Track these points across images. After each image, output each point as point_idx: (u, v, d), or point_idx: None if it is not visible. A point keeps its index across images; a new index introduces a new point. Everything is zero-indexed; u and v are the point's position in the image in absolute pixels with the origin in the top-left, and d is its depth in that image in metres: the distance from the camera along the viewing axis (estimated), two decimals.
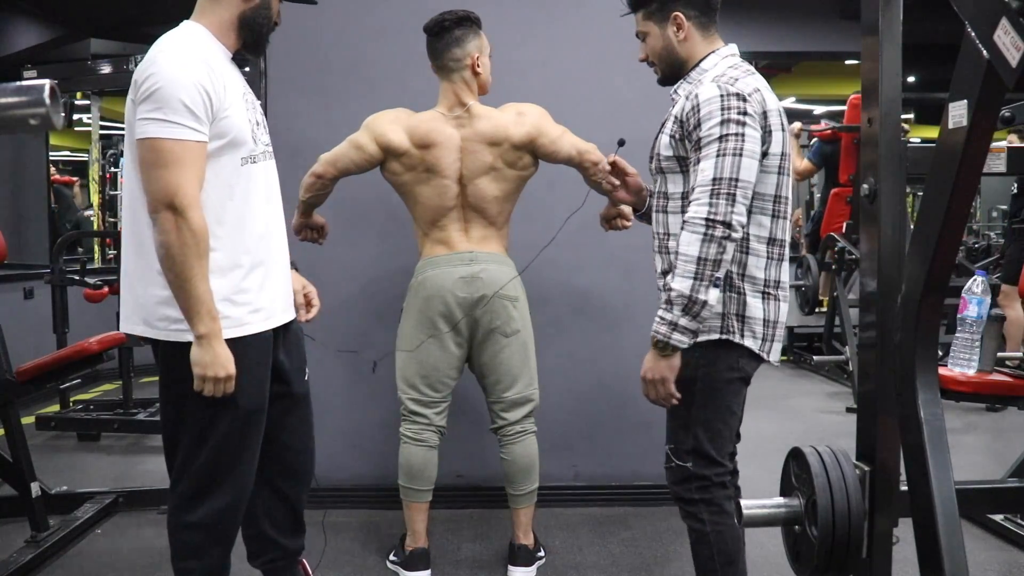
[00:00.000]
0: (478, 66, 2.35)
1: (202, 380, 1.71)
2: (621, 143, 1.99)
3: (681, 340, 1.67)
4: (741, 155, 1.64)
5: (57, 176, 8.01)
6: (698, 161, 1.69)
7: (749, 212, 1.70)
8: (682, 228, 1.67)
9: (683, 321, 1.65)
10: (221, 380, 1.72)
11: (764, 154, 1.71)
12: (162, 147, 1.67)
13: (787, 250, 1.82)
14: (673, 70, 1.86)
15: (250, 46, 1.88)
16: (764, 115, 1.70)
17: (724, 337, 1.75)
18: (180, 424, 1.81)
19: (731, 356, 1.76)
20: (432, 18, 2.36)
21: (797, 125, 6.33)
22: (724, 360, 1.76)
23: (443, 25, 2.34)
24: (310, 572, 2.16)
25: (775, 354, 1.80)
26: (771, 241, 1.76)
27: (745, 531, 1.85)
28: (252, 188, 1.83)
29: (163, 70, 1.68)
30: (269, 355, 1.89)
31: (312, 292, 2.09)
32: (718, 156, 1.65)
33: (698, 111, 1.69)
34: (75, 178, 7.91)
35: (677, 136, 1.76)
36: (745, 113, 1.66)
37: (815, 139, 5.90)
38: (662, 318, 1.67)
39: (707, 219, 1.62)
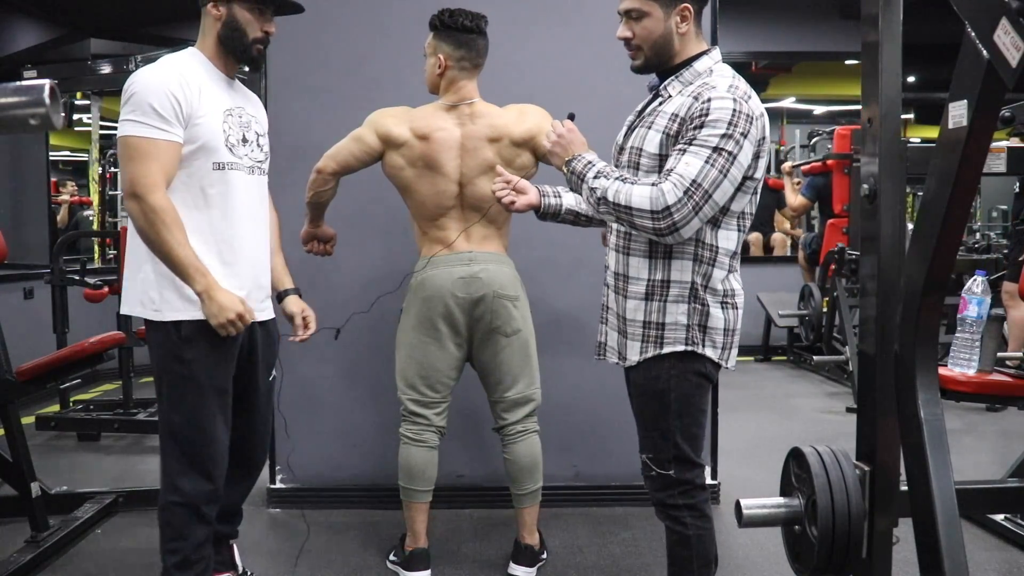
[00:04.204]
0: None
1: (221, 327, 1.91)
2: (571, 117, 1.92)
3: (573, 171, 1.80)
4: (725, 176, 1.66)
5: (77, 197, 8.00)
6: (682, 152, 1.68)
7: (718, 227, 1.76)
8: (653, 184, 1.67)
9: (588, 184, 1.76)
10: (234, 320, 1.92)
11: (749, 177, 1.72)
12: (129, 143, 1.89)
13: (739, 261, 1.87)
14: (659, 60, 1.81)
15: (240, 60, 2.06)
16: (762, 140, 1.72)
17: (689, 349, 1.79)
18: (160, 394, 2.01)
19: (697, 365, 1.80)
20: (464, 12, 2.33)
21: (788, 164, 6.41)
22: (692, 368, 1.80)
23: (482, 25, 2.35)
24: (236, 556, 2.32)
25: (732, 360, 1.85)
26: (734, 255, 1.81)
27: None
28: (229, 192, 2.00)
29: (138, 79, 1.91)
30: (231, 341, 2.02)
31: (310, 316, 2.27)
32: (707, 163, 1.65)
33: (706, 114, 1.67)
34: (90, 198, 7.92)
35: (672, 133, 1.74)
36: (746, 136, 1.67)
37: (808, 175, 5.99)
38: (589, 171, 1.77)
39: (668, 207, 1.65)
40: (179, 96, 1.90)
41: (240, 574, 2.32)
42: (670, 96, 1.79)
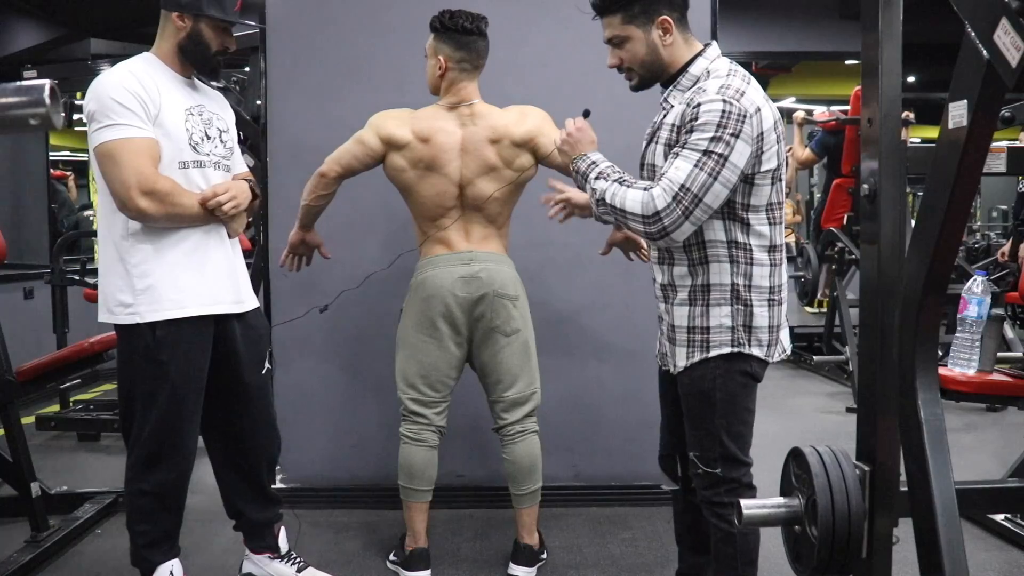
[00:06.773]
0: None
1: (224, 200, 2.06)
2: (586, 114, 1.95)
3: (577, 170, 1.87)
4: (716, 179, 1.67)
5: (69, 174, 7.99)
6: (675, 156, 1.70)
7: (747, 225, 1.76)
8: (646, 188, 1.71)
9: (591, 184, 1.82)
10: (219, 200, 2.05)
11: (757, 172, 1.73)
12: (110, 148, 1.93)
13: (785, 252, 1.87)
14: (653, 75, 1.84)
15: (199, 69, 2.14)
16: (761, 136, 1.71)
17: (736, 350, 1.81)
18: (132, 398, 2.08)
19: (743, 364, 1.83)
20: (464, 14, 2.32)
21: (800, 114, 6.30)
22: (737, 368, 1.82)
23: (482, 26, 2.35)
24: (281, 539, 2.42)
25: (777, 354, 1.88)
26: (772, 248, 1.81)
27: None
28: (194, 189, 2.07)
29: (96, 90, 1.96)
30: (205, 339, 2.11)
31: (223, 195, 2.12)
32: (696, 167, 1.66)
33: (696, 118, 1.69)
34: (68, 172, 7.87)
35: (672, 144, 1.76)
36: (738, 135, 1.67)
37: (818, 129, 5.90)
38: (592, 171, 1.83)
39: (658, 212, 1.68)
40: (142, 95, 1.96)
41: (283, 555, 2.39)
42: (672, 107, 1.82)
